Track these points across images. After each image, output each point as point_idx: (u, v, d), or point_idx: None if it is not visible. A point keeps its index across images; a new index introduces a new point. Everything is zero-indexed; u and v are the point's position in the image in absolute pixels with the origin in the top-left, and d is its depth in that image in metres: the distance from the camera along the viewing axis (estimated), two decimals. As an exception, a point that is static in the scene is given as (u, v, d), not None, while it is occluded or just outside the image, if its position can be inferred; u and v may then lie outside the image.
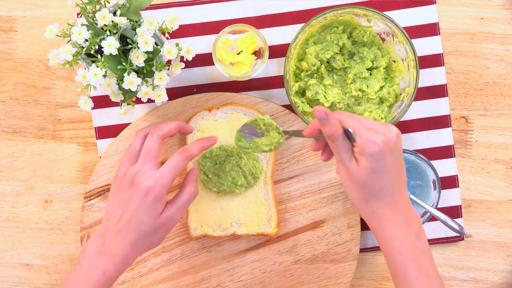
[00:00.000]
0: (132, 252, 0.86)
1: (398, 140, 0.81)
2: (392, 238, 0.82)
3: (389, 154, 0.80)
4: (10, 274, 1.06)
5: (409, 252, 0.82)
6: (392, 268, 0.83)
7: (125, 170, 0.88)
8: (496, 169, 1.05)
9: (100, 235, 0.87)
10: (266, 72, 1.04)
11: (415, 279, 0.81)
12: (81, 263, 0.86)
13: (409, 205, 0.83)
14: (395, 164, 0.81)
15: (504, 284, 1.06)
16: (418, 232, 0.83)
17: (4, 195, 1.06)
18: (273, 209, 1.01)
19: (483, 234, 1.06)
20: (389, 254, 0.83)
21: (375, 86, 1.00)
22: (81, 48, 0.86)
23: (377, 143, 0.79)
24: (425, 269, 0.82)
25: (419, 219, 0.84)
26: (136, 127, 1.02)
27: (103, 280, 0.84)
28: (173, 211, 0.87)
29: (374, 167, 0.80)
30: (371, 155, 0.79)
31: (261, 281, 1.04)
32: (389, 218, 0.82)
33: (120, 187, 0.88)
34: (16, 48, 1.05)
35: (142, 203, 0.85)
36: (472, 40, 1.05)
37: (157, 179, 0.86)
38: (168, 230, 0.88)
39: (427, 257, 0.83)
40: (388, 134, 0.81)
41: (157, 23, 0.86)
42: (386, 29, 0.98)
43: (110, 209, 0.88)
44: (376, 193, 0.82)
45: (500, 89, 1.05)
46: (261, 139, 0.96)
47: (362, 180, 0.81)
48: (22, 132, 1.06)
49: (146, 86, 0.89)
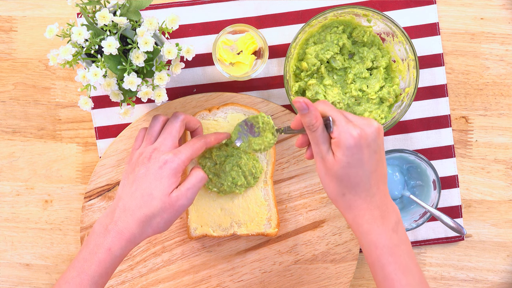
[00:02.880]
0: (139, 230, 0.85)
1: (378, 135, 0.81)
2: (368, 232, 0.81)
3: (366, 148, 0.80)
4: (10, 274, 1.06)
5: (385, 246, 0.81)
6: (369, 262, 0.82)
7: (142, 150, 0.89)
8: (496, 169, 1.05)
9: (109, 213, 0.87)
10: (266, 72, 1.04)
11: (393, 272, 0.80)
12: (87, 242, 0.85)
13: (386, 200, 0.83)
14: (373, 159, 0.81)
15: (504, 284, 1.06)
16: (396, 226, 0.82)
17: (4, 195, 1.06)
18: (273, 209, 1.01)
19: (483, 234, 1.06)
20: (366, 248, 0.82)
21: (375, 86, 1.00)
22: (81, 48, 0.86)
23: (354, 136, 0.79)
24: (403, 263, 0.81)
25: (397, 213, 0.83)
26: (136, 127, 1.02)
27: (109, 259, 0.84)
28: (182, 191, 0.86)
29: (350, 160, 0.80)
30: (347, 148, 0.79)
31: (261, 281, 1.04)
32: (365, 213, 0.82)
33: (137, 163, 0.88)
34: (16, 48, 1.05)
35: (156, 175, 0.85)
36: (472, 40, 1.05)
37: (175, 153, 0.87)
38: (175, 213, 0.86)
39: (406, 250, 0.81)
40: (366, 128, 0.80)
41: (157, 23, 0.86)
42: (386, 29, 0.98)
43: (122, 188, 0.88)
44: (352, 187, 0.81)
45: (500, 89, 1.05)
46: (255, 138, 0.96)
47: (338, 173, 0.81)
48: (22, 132, 1.06)
49: (146, 86, 0.89)
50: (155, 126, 0.92)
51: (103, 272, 0.84)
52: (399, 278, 0.80)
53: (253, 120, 0.96)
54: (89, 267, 0.83)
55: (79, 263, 0.84)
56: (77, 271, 0.84)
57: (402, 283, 0.80)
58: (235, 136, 0.98)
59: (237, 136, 0.98)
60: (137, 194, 0.86)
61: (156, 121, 0.92)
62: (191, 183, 0.87)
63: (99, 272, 0.83)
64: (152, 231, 0.86)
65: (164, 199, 0.85)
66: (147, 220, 0.85)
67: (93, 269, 0.83)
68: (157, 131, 0.92)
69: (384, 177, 0.83)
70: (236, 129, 0.98)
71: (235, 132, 0.98)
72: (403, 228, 0.83)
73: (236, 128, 0.98)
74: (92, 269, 0.83)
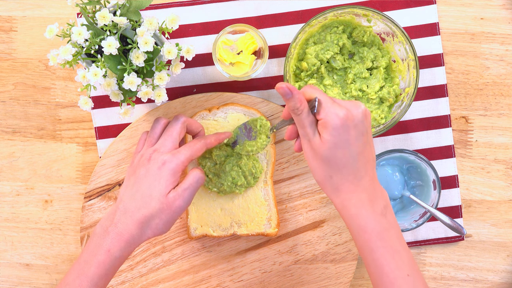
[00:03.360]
0: (138, 232, 0.85)
1: (365, 117, 0.80)
2: (356, 216, 0.80)
3: (353, 129, 0.79)
4: (10, 274, 1.06)
5: (373, 230, 0.80)
6: (358, 246, 0.82)
7: (143, 152, 0.90)
8: (496, 169, 1.05)
9: (109, 215, 0.87)
10: (266, 72, 1.04)
11: (381, 256, 0.79)
12: (88, 244, 0.86)
13: (374, 183, 0.82)
14: (360, 140, 0.80)
15: (504, 284, 1.06)
16: (384, 209, 0.81)
17: (4, 195, 1.06)
18: (273, 209, 1.01)
19: (483, 234, 1.06)
20: (354, 232, 0.81)
21: (375, 86, 1.00)
22: (81, 48, 0.86)
23: (340, 117, 0.78)
24: (392, 246, 0.80)
25: (386, 198, 0.82)
26: (136, 127, 1.02)
27: (108, 261, 0.84)
28: (179, 192, 0.86)
29: (336, 141, 0.79)
30: (334, 128, 0.78)
31: (261, 281, 1.04)
32: (352, 196, 0.81)
33: (138, 165, 0.89)
34: (16, 48, 1.05)
35: (155, 176, 0.86)
36: (472, 40, 1.05)
37: (174, 153, 0.87)
38: (173, 214, 0.86)
39: (395, 234, 0.81)
40: (353, 109, 0.80)
41: (157, 23, 0.86)
42: (386, 29, 0.98)
43: (123, 189, 0.88)
44: (339, 168, 0.80)
45: (500, 89, 1.05)
46: (251, 141, 0.97)
47: (324, 155, 0.80)
48: (22, 132, 1.06)
49: (146, 86, 0.89)
50: (156, 128, 0.92)
51: (103, 274, 0.84)
52: (388, 262, 0.79)
53: (252, 123, 0.97)
54: (89, 269, 0.84)
55: (79, 265, 0.85)
56: (77, 273, 0.84)
57: (391, 267, 0.79)
58: (233, 138, 0.98)
59: (235, 139, 0.98)
60: (137, 196, 0.86)
61: (157, 124, 0.92)
62: (188, 183, 0.87)
63: (98, 273, 0.83)
64: (151, 232, 0.86)
65: (162, 200, 0.85)
66: (146, 222, 0.85)
67: (92, 271, 0.83)
68: (158, 133, 0.92)
69: (372, 161, 0.82)
70: (235, 131, 0.98)
71: (233, 134, 0.98)
72: (391, 212, 0.82)
73: (235, 130, 0.98)
74: (92, 271, 0.83)
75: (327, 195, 0.83)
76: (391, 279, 0.79)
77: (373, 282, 0.81)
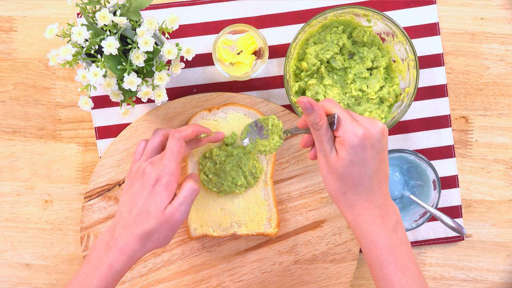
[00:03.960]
0: (139, 246, 0.86)
1: (382, 135, 0.81)
2: (368, 232, 0.81)
3: (370, 148, 0.80)
4: (10, 274, 1.06)
5: (385, 246, 0.81)
6: (369, 262, 0.82)
7: (139, 164, 0.90)
8: (496, 169, 1.05)
9: (110, 229, 0.88)
10: (266, 72, 1.04)
11: (392, 271, 0.80)
12: (89, 257, 0.87)
13: (387, 200, 0.83)
14: (376, 158, 0.81)
15: (504, 284, 1.06)
16: (396, 226, 0.82)
17: (4, 195, 1.06)
18: (273, 209, 1.01)
19: (483, 234, 1.06)
20: (365, 248, 0.82)
21: (375, 86, 1.00)
22: (81, 48, 0.86)
23: (358, 135, 0.79)
24: (402, 263, 0.81)
25: (398, 214, 0.83)
26: (136, 127, 1.02)
27: (110, 275, 0.85)
28: (174, 207, 0.86)
29: (353, 159, 0.80)
30: (351, 146, 0.79)
31: (261, 281, 1.04)
32: (365, 212, 0.82)
33: (134, 177, 0.89)
34: (16, 48, 1.05)
35: (151, 193, 0.86)
36: (472, 40, 1.05)
37: (161, 169, 0.87)
38: (172, 228, 0.87)
39: (405, 251, 0.82)
40: (371, 128, 0.80)
41: (157, 23, 0.86)
42: (386, 29, 0.98)
43: (122, 203, 0.89)
44: (354, 185, 0.81)
45: (500, 89, 1.05)
46: (263, 140, 0.96)
47: (340, 172, 0.81)
48: (22, 132, 1.06)
49: (146, 86, 0.89)
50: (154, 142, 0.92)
51: (104, 287, 0.85)
52: (398, 278, 0.80)
53: (263, 122, 0.97)
54: (91, 281, 0.84)
55: (80, 277, 0.86)
56: (78, 285, 0.85)
57: (401, 283, 0.80)
58: (244, 135, 0.98)
59: (246, 136, 0.98)
60: (135, 211, 0.87)
61: (155, 136, 0.92)
62: (183, 197, 0.87)
63: (100, 286, 0.85)
64: (152, 245, 0.87)
65: (159, 216, 0.86)
66: (147, 237, 0.86)
67: (94, 284, 0.84)
68: (156, 146, 0.92)
69: (386, 178, 0.83)
70: (245, 129, 0.98)
71: (244, 132, 0.98)
72: (403, 228, 0.83)
73: (246, 128, 0.98)
74: (94, 284, 0.84)
75: (339, 209, 0.84)
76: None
77: None
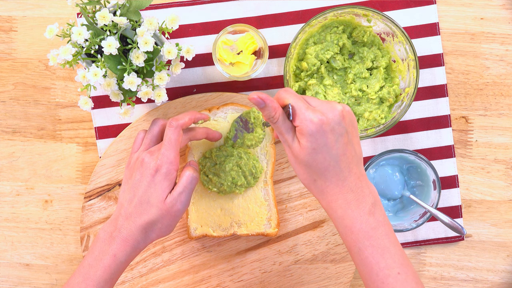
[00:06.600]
0: (142, 236, 0.86)
1: (342, 118, 0.79)
2: (342, 217, 0.80)
3: (330, 132, 0.78)
4: (10, 274, 1.06)
5: (361, 230, 0.79)
6: (347, 247, 0.81)
7: (139, 154, 0.90)
8: (496, 169, 1.05)
9: (112, 220, 0.88)
10: (266, 72, 1.04)
11: (370, 255, 0.79)
12: (93, 249, 0.86)
13: (361, 182, 0.81)
14: (340, 142, 0.79)
15: (504, 284, 1.06)
16: (372, 207, 0.80)
17: (4, 195, 1.06)
18: (273, 209, 1.01)
19: (483, 234, 1.06)
20: (342, 234, 0.81)
21: (375, 86, 1.00)
22: (81, 48, 0.86)
23: (314, 122, 0.78)
24: (380, 245, 0.79)
25: (375, 195, 0.81)
26: (136, 127, 1.02)
27: (114, 266, 0.85)
28: (175, 196, 0.86)
29: (314, 146, 0.78)
30: (310, 134, 0.78)
31: (261, 281, 1.04)
32: (338, 197, 0.80)
33: (133, 167, 0.90)
34: (16, 48, 1.05)
35: (150, 182, 0.87)
36: (472, 40, 1.05)
37: (160, 158, 0.87)
38: (173, 218, 0.87)
39: (384, 232, 0.80)
40: (328, 113, 0.79)
41: (157, 23, 0.86)
42: (386, 29, 0.98)
43: (122, 194, 0.89)
44: (321, 172, 0.80)
45: (500, 89, 1.05)
46: (249, 134, 0.97)
47: (305, 160, 0.80)
48: (22, 132, 1.06)
49: (146, 86, 0.89)
50: (152, 130, 0.92)
51: (108, 278, 0.85)
52: (377, 261, 0.78)
53: (246, 116, 0.98)
54: (95, 273, 0.84)
55: (84, 269, 0.85)
56: (82, 276, 0.85)
57: (380, 266, 0.78)
58: (233, 132, 0.98)
59: (234, 133, 0.98)
60: (136, 201, 0.87)
61: (154, 125, 0.93)
62: (183, 186, 0.87)
63: (104, 277, 0.84)
64: (156, 235, 0.87)
65: (161, 206, 0.86)
66: (149, 227, 0.86)
67: (98, 275, 0.84)
68: (155, 135, 0.92)
69: (356, 159, 0.81)
70: (232, 125, 0.98)
71: (232, 128, 0.98)
72: (381, 209, 0.81)
73: (232, 124, 0.98)
74: (98, 275, 0.84)
75: (315, 197, 0.83)
76: (381, 278, 0.78)
77: (364, 282, 0.81)
